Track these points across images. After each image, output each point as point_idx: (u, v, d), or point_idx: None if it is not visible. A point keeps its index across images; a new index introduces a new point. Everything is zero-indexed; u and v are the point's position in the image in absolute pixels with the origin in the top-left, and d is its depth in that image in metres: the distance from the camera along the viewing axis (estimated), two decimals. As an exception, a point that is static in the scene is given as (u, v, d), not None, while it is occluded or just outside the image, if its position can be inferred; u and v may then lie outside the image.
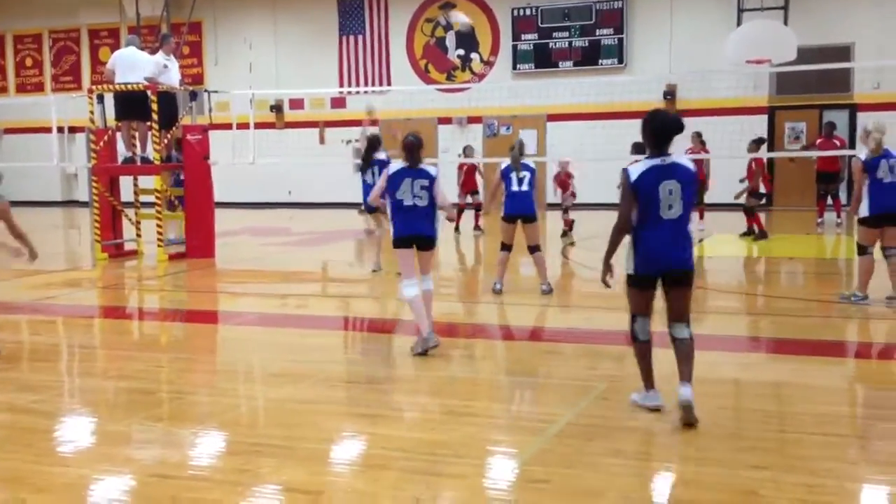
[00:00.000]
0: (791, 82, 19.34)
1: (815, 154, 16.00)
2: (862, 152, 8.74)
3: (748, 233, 14.37)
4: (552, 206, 19.73)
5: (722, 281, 10.71)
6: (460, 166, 16.68)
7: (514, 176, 9.64)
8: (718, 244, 13.94)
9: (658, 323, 5.58)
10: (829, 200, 16.22)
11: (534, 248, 9.79)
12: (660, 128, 5.30)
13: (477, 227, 16.32)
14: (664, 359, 5.60)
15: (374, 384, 6.49)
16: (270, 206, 23.29)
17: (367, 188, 10.75)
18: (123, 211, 14.03)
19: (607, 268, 5.43)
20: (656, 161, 5.27)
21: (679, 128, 5.31)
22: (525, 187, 9.63)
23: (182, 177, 13.86)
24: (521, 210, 9.61)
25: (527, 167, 9.66)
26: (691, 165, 5.40)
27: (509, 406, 5.92)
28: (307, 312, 9.62)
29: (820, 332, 7.96)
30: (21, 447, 5.16)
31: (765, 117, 19.87)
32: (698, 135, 15.74)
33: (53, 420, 5.76)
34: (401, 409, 5.80)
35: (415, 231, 7.14)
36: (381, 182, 7.33)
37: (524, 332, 8.43)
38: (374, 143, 11.49)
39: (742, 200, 14.43)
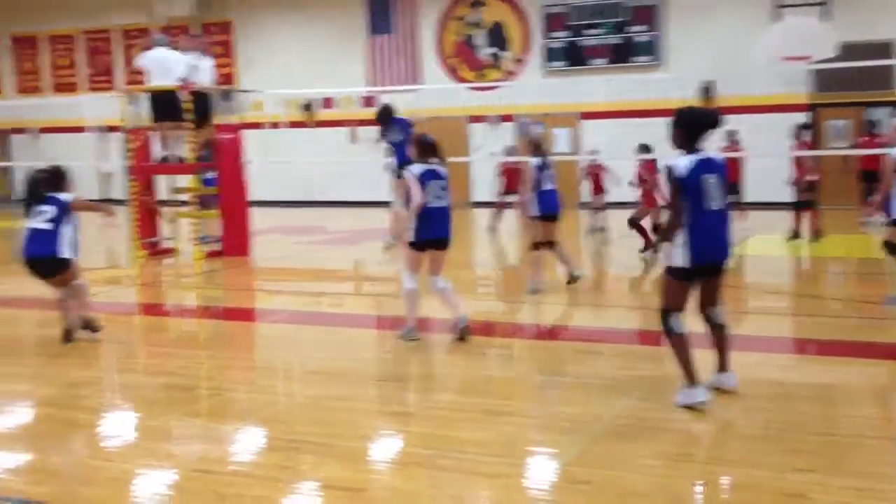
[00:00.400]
0: (831, 80, 19.07)
1: (858, 153, 15.50)
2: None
3: (804, 234, 13.40)
4: (587, 205, 19.67)
5: (765, 281, 10.59)
6: (502, 165, 16.41)
7: (546, 173, 9.63)
8: (761, 244, 13.78)
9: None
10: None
11: (555, 244, 9.82)
12: (694, 123, 5.43)
13: None
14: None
15: (411, 382, 6.49)
16: (303, 204, 23.37)
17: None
18: (159, 210, 14.14)
19: (663, 249, 5.53)
20: (696, 156, 5.38)
21: (713, 123, 5.46)
22: (554, 185, 9.70)
23: (209, 176, 13.96)
24: (556, 208, 9.63)
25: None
26: (720, 158, 5.59)
27: (548, 406, 5.88)
28: (341, 310, 9.64)
29: (866, 333, 7.83)
30: (66, 442, 5.22)
31: (805, 115, 19.61)
32: (730, 133, 15.54)
33: (96, 415, 5.82)
34: (437, 408, 5.79)
35: (439, 234, 7.31)
36: (416, 187, 7.26)
37: (560, 331, 8.39)
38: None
39: (803, 198, 13.61)
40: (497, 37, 22.41)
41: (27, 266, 7.68)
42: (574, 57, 21.41)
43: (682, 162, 5.36)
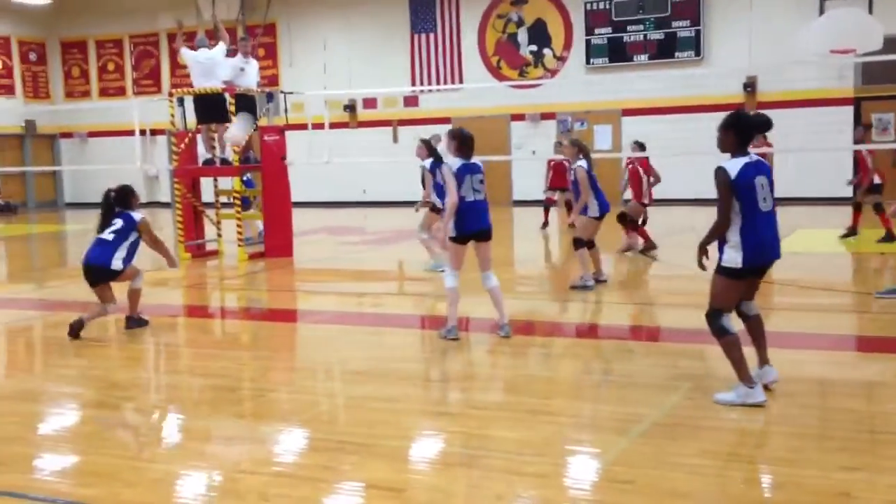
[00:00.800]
0: (878, 72, 18.73)
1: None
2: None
3: (888, 238, 12.68)
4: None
5: (809, 276, 10.43)
6: (550, 162, 16.30)
7: (593, 174, 9.77)
8: (806, 239, 13.58)
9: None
10: None
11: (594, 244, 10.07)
12: (745, 128, 5.56)
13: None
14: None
15: (452, 382, 6.49)
16: (345, 205, 23.51)
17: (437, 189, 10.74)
18: (204, 211, 14.31)
19: (704, 252, 5.55)
20: (746, 158, 5.48)
21: (767, 126, 5.69)
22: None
23: (247, 177, 14.12)
24: (608, 208, 10.01)
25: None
26: (766, 162, 5.68)
27: (590, 405, 5.85)
28: (384, 311, 9.68)
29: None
30: (111, 443, 5.31)
31: (850, 108, 19.29)
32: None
33: (141, 416, 5.91)
34: (479, 407, 5.78)
35: (478, 226, 7.39)
36: (451, 183, 7.30)
37: (602, 329, 8.34)
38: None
39: (866, 199, 13.18)
40: (539, 34, 22.35)
41: (83, 271, 8.34)
42: (616, 53, 21.28)
43: (735, 165, 5.44)
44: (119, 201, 8.41)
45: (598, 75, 21.48)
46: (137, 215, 8.37)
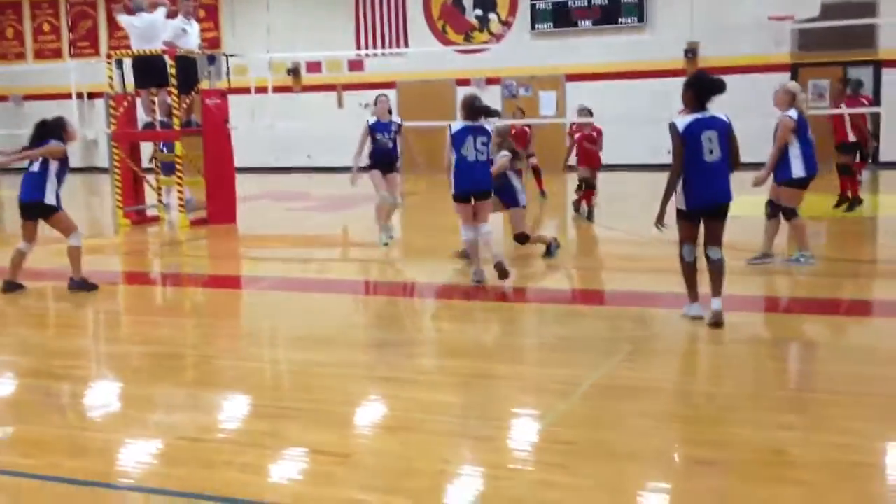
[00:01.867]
0: (814, 39, 19.01)
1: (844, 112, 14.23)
2: (791, 111, 8.34)
3: (842, 202, 12.30)
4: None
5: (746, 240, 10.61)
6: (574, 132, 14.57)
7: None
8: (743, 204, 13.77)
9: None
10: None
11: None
12: (702, 88, 6.30)
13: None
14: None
15: (397, 347, 6.51)
16: (290, 170, 23.27)
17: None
18: (144, 177, 14.06)
19: (663, 213, 6.39)
20: (697, 115, 6.27)
21: (721, 88, 6.31)
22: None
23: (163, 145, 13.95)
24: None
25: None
26: (726, 118, 6.36)
27: (533, 368, 5.92)
28: (329, 277, 9.65)
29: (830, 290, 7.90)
30: (51, 413, 5.23)
31: (787, 75, 19.57)
32: (854, 84, 14.84)
33: (82, 385, 5.83)
34: (424, 372, 5.82)
35: (476, 186, 8.02)
36: (448, 146, 7.96)
37: (546, 294, 8.41)
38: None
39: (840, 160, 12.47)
40: (484, -2, 22.23)
41: (19, 208, 8.31)
42: (561, 18, 21.27)
43: (684, 119, 6.27)
44: (51, 132, 8.26)
45: (543, 40, 21.46)
46: (54, 141, 8.18)
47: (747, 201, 7.94)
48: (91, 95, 23.26)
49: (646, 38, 20.13)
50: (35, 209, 8.16)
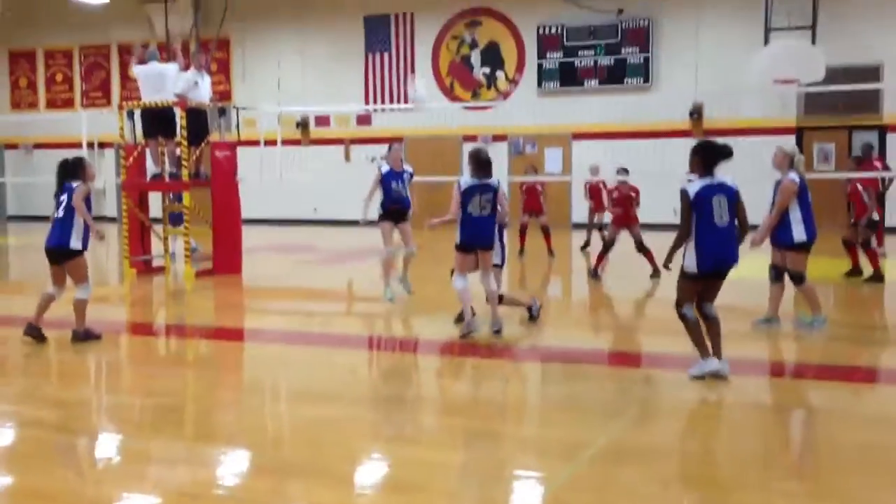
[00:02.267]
0: (819, 103, 19.20)
1: (854, 175, 12.83)
2: (792, 174, 8.22)
3: (854, 272, 12.01)
4: (579, 226, 19.75)
5: (751, 303, 10.60)
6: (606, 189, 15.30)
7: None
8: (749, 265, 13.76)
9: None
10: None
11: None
12: (710, 154, 6.53)
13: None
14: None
15: (401, 404, 6.47)
16: (296, 223, 23.38)
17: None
18: (152, 227, 14.12)
19: (671, 259, 6.66)
20: (707, 181, 6.48)
21: (728, 154, 6.54)
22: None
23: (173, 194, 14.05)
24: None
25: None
26: (734, 184, 6.55)
27: (538, 428, 5.87)
28: (333, 330, 9.63)
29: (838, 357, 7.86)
30: (50, 464, 5.19)
31: (792, 137, 19.73)
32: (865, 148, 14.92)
33: (83, 437, 5.79)
34: (428, 430, 5.78)
35: (481, 240, 8.30)
36: (456, 198, 8.19)
37: (554, 353, 8.37)
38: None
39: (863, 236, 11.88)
40: (492, 57, 22.52)
41: (46, 254, 8.32)
42: (567, 77, 21.52)
43: (694, 185, 6.46)
44: (70, 172, 8.41)
45: (550, 99, 21.70)
46: (76, 183, 8.31)
47: (746, 263, 7.93)
48: (101, 145, 23.51)
49: (651, 99, 20.34)
50: (60, 254, 8.21)
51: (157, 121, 13.35)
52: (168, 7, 23.66)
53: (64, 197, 8.29)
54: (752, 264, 9.12)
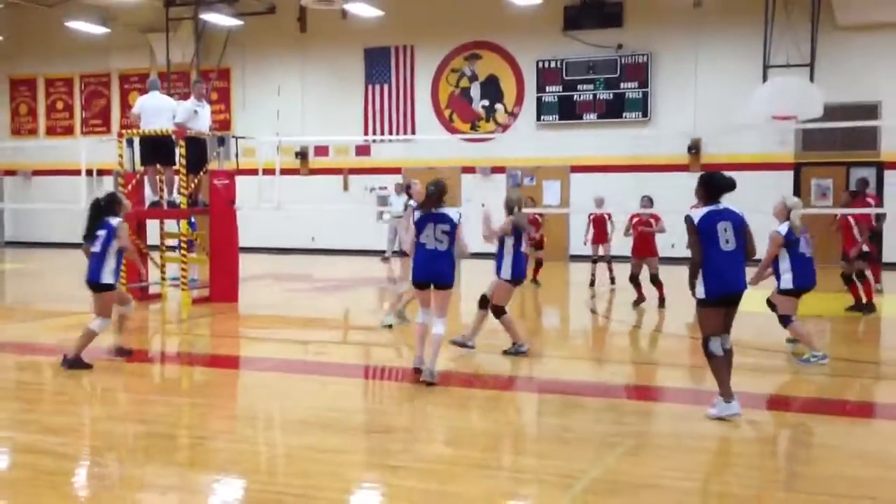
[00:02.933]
0: (817, 139, 19.30)
1: (847, 211, 12.95)
2: (782, 227, 8.61)
3: (858, 307, 12.03)
4: (577, 258, 19.75)
5: (763, 337, 10.58)
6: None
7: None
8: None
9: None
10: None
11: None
12: (714, 186, 6.63)
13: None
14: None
15: (396, 433, 6.43)
16: (293, 252, 23.38)
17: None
18: (149, 254, 14.10)
19: (694, 286, 6.54)
20: (712, 207, 6.57)
21: (731, 187, 6.62)
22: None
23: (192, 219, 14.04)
24: None
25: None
26: (740, 212, 6.63)
27: (533, 459, 5.83)
28: (328, 360, 9.59)
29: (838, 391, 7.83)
30: (43, 490, 5.14)
31: (790, 173, 19.82)
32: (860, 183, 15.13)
33: (75, 463, 5.74)
34: (422, 460, 5.73)
35: (433, 275, 7.73)
36: (411, 230, 7.79)
37: (549, 384, 8.34)
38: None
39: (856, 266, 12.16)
40: (491, 89, 22.66)
41: (88, 288, 8.53)
42: (566, 111, 21.65)
43: (699, 212, 6.54)
44: (106, 209, 8.53)
45: (548, 132, 21.80)
46: (115, 220, 8.45)
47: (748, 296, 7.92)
48: (100, 173, 23.56)
49: (649, 133, 20.44)
50: (96, 288, 8.42)
51: (156, 148, 13.39)
52: (169, 36, 23.81)
53: (102, 232, 8.38)
54: (751, 300, 9.11)
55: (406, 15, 22.35)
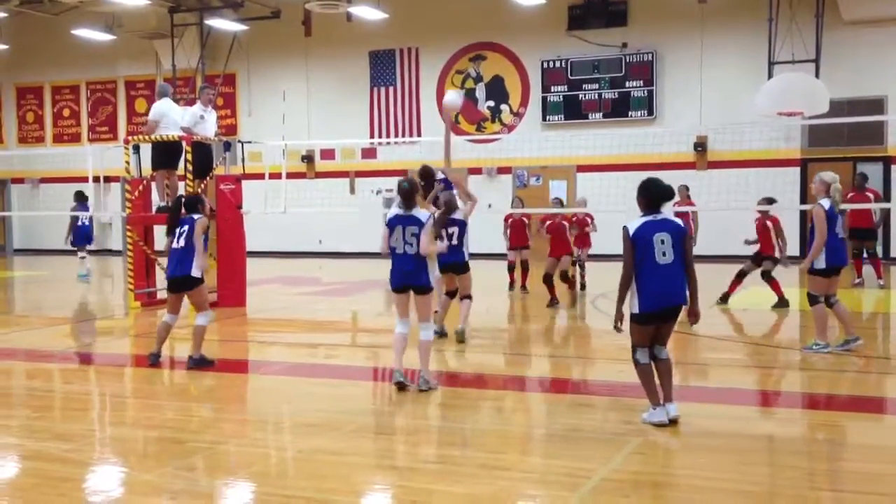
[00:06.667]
0: (824, 135, 19.26)
1: (847, 206, 13.13)
2: (824, 200, 8.62)
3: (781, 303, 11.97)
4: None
5: (752, 333, 10.56)
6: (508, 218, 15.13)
7: None
8: (752, 296, 13.74)
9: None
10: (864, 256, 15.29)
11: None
12: (653, 196, 6.35)
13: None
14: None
15: (405, 436, 6.44)
16: (301, 255, 23.42)
17: None
18: (157, 260, 14.14)
19: (619, 314, 6.32)
20: (649, 217, 6.27)
21: (670, 196, 6.45)
22: None
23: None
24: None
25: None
26: (680, 221, 6.41)
27: (542, 460, 5.83)
28: (337, 362, 9.60)
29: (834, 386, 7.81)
30: (53, 496, 5.16)
31: (797, 169, 19.77)
32: (685, 188, 15.48)
33: (85, 469, 5.76)
34: (432, 462, 5.74)
35: (405, 281, 7.47)
36: (383, 232, 7.55)
37: (556, 384, 8.34)
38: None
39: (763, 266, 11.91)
40: (496, 90, 22.68)
41: (168, 284, 8.78)
42: (571, 111, 21.64)
43: (635, 223, 6.25)
44: (189, 207, 8.71)
45: (554, 132, 21.79)
46: (197, 215, 8.65)
47: (748, 295, 7.94)
48: (107, 179, 23.66)
49: (655, 131, 20.43)
50: (182, 283, 8.53)
51: (164, 153, 13.44)
52: (175, 43, 23.89)
53: (185, 228, 8.57)
54: (753, 297, 9.09)
55: (410, 17, 22.38)
